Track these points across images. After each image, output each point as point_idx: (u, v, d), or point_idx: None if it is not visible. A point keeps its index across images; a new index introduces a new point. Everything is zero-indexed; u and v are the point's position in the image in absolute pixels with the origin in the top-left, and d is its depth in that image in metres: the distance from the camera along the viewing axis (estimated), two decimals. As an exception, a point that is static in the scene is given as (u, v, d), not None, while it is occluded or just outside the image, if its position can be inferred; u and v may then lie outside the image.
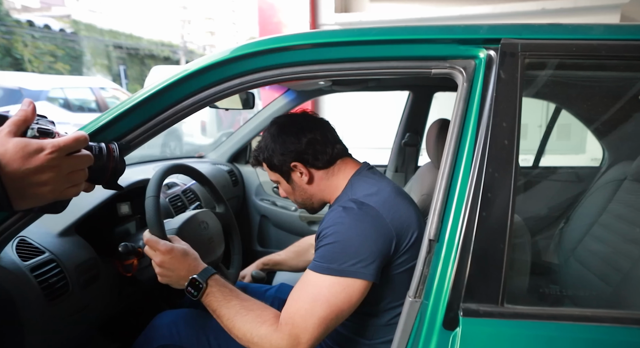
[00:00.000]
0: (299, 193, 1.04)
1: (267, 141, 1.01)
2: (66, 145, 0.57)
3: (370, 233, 0.82)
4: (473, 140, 0.72)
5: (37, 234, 0.94)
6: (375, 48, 0.79)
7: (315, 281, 0.82)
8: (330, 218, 0.86)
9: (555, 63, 0.75)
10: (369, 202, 0.86)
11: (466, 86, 0.75)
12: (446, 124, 1.59)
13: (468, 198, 0.70)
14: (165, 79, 0.80)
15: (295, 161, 0.99)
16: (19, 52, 11.92)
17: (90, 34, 15.14)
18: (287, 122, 1.02)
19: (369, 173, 0.99)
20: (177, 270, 0.89)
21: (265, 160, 1.03)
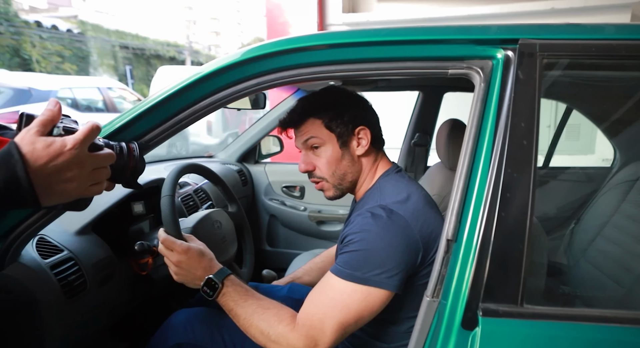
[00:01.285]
0: (344, 164, 0.93)
1: (335, 96, 0.94)
2: (84, 137, 0.58)
3: (397, 244, 0.81)
4: (491, 140, 0.72)
5: (56, 232, 0.95)
6: (392, 48, 0.79)
7: (337, 286, 0.81)
8: (357, 224, 0.84)
9: (574, 63, 0.75)
10: (398, 210, 0.84)
11: (483, 86, 0.75)
12: (457, 125, 1.59)
13: (486, 198, 0.70)
14: (184, 79, 0.81)
15: (364, 125, 0.93)
16: (27, 52, 12.03)
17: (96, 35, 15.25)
18: (347, 92, 0.97)
19: (398, 176, 0.96)
20: (193, 269, 0.89)
21: (327, 114, 0.91)
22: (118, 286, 1.05)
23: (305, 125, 0.93)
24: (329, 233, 2.14)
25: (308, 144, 0.94)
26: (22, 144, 0.55)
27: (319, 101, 0.94)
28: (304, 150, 0.96)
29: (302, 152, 0.96)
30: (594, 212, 1.37)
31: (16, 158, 0.53)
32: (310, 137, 0.93)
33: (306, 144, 0.94)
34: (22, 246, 0.80)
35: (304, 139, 0.94)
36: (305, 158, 0.96)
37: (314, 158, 0.95)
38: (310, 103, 0.94)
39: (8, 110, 4.40)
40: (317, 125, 0.92)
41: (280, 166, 2.27)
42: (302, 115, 0.93)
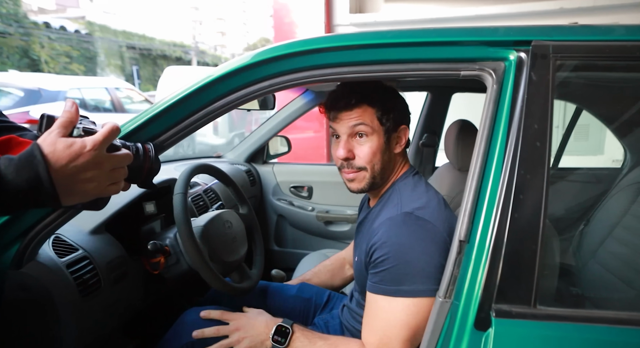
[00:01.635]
0: (385, 159, 0.92)
1: (387, 90, 0.93)
2: (104, 138, 0.60)
3: (432, 249, 0.80)
4: (504, 142, 0.73)
5: (71, 232, 0.96)
6: (404, 50, 0.79)
7: (387, 306, 0.81)
8: (385, 236, 0.83)
9: (587, 65, 0.75)
10: (423, 216, 0.84)
11: (496, 88, 0.76)
12: (466, 126, 1.59)
13: (499, 200, 0.70)
14: (197, 81, 0.82)
15: (405, 125, 0.95)
16: (36, 53, 12.16)
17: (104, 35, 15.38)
18: (395, 90, 0.97)
19: (416, 179, 0.95)
20: (255, 326, 0.95)
21: (381, 105, 0.90)
22: (131, 285, 1.07)
23: (358, 110, 0.90)
24: (337, 233, 2.15)
25: (355, 130, 0.90)
26: (44, 145, 0.56)
27: (374, 91, 0.91)
28: (345, 136, 0.91)
29: (342, 138, 0.92)
30: (604, 213, 1.36)
31: (39, 158, 0.55)
32: (361, 123, 0.89)
33: (353, 129, 0.90)
34: (39, 245, 0.82)
35: (353, 123, 0.90)
36: (347, 145, 0.91)
37: (356, 146, 0.91)
38: (366, 90, 0.90)
39: (19, 110, 4.45)
40: (369, 113, 0.90)
41: (288, 166, 2.28)
42: (358, 99, 0.89)
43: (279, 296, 1.29)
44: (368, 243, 0.87)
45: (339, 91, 0.92)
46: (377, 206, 0.96)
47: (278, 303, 1.27)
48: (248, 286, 1.13)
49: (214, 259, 1.07)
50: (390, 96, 0.93)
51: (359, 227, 1.04)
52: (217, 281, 1.02)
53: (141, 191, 1.19)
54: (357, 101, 0.90)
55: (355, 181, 0.94)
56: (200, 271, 1.00)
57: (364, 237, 0.94)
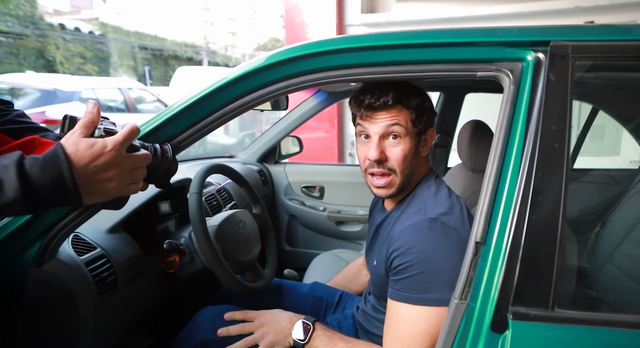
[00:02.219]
0: (414, 163, 0.90)
1: (420, 92, 0.91)
2: (124, 139, 0.61)
3: (458, 257, 0.76)
4: (521, 143, 0.72)
5: (89, 230, 0.98)
6: (420, 51, 0.79)
7: (410, 315, 0.80)
8: (409, 242, 0.81)
9: (607, 65, 0.74)
10: (448, 222, 0.82)
11: (513, 89, 0.75)
12: (479, 126, 1.58)
13: (516, 201, 0.70)
14: (213, 83, 0.83)
15: (432, 128, 0.93)
16: (52, 54, 12.38)
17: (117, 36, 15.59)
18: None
19: (438, 183, 0.93)
20: (279, 322, 0.95)
21: (416, 107, 0.88)
22: (147, 283, 1.08)
23: (394, 110, 0.86)
24: (348, 233, 2.15)
25: (389, 131, 0.87)
26: (67, 145, 0.58)
27: (410, 92, 0.88)
28: (376, 137, 0.88)
29: (373, 139, 0.88)
30: (620, 215, 1.34)
31: (62, 158, 0.56)
32: (397, 123, 0.86)
33: (387, 130, 0.87)
34: (60, 243, 0.84)
35: (389, 123, 0.86)
36: (380, 146, 0.87)
37: (388, 148, 0.88)
38: (402, 91, 0.86)
39: (35, 110, 4.54)
40: (405, 114, 0.87)
41: (300, 167, 2.29)
42: (395, 99, 0.86)
43: (292, 294, 1.29)
44: (389, 248, 0.86)
45: (373, 89, 0.88)
46: (396, 210, 0.95)
47: (291, 300, 1.28)
48: (261, 285, 1.14)
49: (228, 258, 1.08)
50: (422, 97, 0.91)
51: (376, 230, 1.02)
52: (231, 281, 1.03)
53: (157, 190, 1.21)
54: (394, 101, 0.86)
55: (385, 188, 0.90)
56: (215, 270, 1.01)
57: (383, 242, 0.93)
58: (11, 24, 11.54)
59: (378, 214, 1.07)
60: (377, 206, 1.10)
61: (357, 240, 2.17)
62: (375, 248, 1.01)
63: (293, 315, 0.97)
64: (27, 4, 12.15)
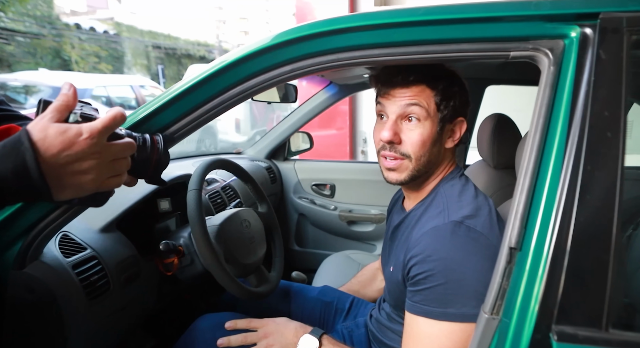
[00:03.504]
0: (434, 152, 0.80)
1: (452, 74, 0.82)
2: (104, 126, 0.53)
3: (485, 266, 0.68)
4: (564, 133, 0.62)
5: (79, 229, 0.91)
6: (444, 29, 0.69)
7: (430, 331, 0.71)
8: (431, 248, 0.72)
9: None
10: (475, 226, 0.72)
11: (553, 70, 0.65)
12: (502, 120, 1.46)
13: (559, 201, 0.59)
14: (211, 66, 0.74)
15: (463, 118, 0.83)
16: (67, 53, 12.54)
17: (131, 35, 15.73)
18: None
19: (463, 181, 0.83)
20: (284, 334, 0.88)
21: (442, 90, 0.78)
22: (144, 286, 1.00)
23: (415, 88, 0.78)
24: (360, 233, 2.05)
25: (407, 111, 0.78)
26: (33, 131, 0.50)
27: (437, 71, 0.79)
28: (393, 116, 0.79)
29: (390, 118, 0.80)
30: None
31: (26, 145, 0.48)
32: (416, 103, 0.77)
33: (405, 110, 0.78)
34: (44, 243, 0.76)
35: (407, 102, 0.78)
36: (395, 127, 0.79)
37: (405, 130, 0.79)
38: (428, 69, 0.78)
39: (46, 108, 4.55)
40: (427, 95, 0.78)
41: (310, 163, 2.20)
42: (418, 77, 0.77)
43: (300, 298, 1.21)
44: (406, 253, 0.77)
45: (390, 68, 0.80)
46: (416, 210, 0.85)
47: (298, 305, 1.20)
48: (266, 290, 1.06)
49: (229, 261, 1.00)
50: (453, 81, 0.80)
51: (394, 232, 0.92)
52: (232, 285, 0.94)
53: (155, 187, 1.13)
54: (417, 79, 0.77)
55: (396, 172, 0.81)
56: (215, 273, 0.93)
57: (401, 246, 0.83)
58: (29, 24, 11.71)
59: (396, 214, 0.97)
60: (396, 206, 1.00)
61: (370, 241, 2.07)
62: (392, 252, 0.91)
63: (299, 326, 0.89)
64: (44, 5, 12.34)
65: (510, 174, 1.45)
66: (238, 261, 1.02)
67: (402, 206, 0.95)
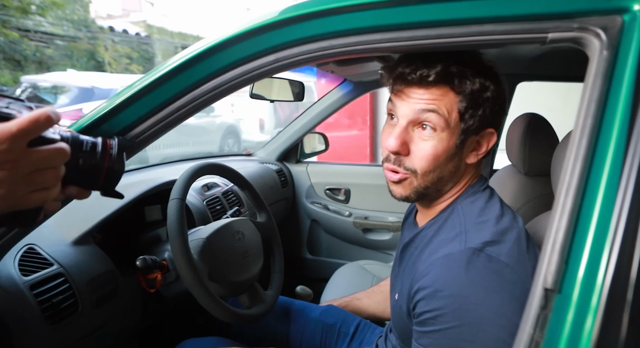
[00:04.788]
0: (449, 167, 0.66)
1: (490, 75, 0.65)
2: (20, 129, 0.41)
3: (511, 308, 0.54)
4: (622, 139, 0.46)
5: (49, 242, 0.82)
6: (463, 6, 0.55)
7: None
8: (441, 281, 0.58)
9: None
10: (497, 255, 0.58)
11: (606, 55, 0.49)
12: (535, 120, 1.29)
13: (616, 228, 0.44)
14: (180, 56, 0.63)
15: (493, 129, 0.67)
16: (101, 55, 12.96)
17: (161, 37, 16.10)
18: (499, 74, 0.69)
19: (486, 197, 0.68)
20: None
21: (470, 96, 0.63)
22: (123, 304, 0.91)
23: (436, 90, 0.63)
24: (377, 242, 1.91)
25: (422, 118, 0.63)
26: None
27: (468, 69, 0.63)
28: (404, 121, 0.65)
29: (400, 123, 0.65)
30: None
31: None
32: (434, 110, 0.62)
33: (419, 116, 0.63)
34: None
35: (422, 107, 0.63)
36: (404, 135, 0.65)
37: (416, 139, 0.65)
38: (457, 64, 0.62)
39: (73, 107, 4.64)
40: (450, 100, 0.63)
41: (323, 166, 2.07)
42: (439, 74, 0.62)
43: (301, 318, 1.09)
44: (413, 283, 0.63)
45: (416, 57, 0.65)
46: (428, 228, 0.70)
47: (298, 326, 1.08)
48: (258, 312, 0.94)
49: (216, 279, 0.89)
50: (486, 83, 0.64)
51: (403, 251, 0.77)
52: (216, 308, 0.83)
53: (141, 192, 1.03)
54: (438, 77, 0.61)
55: (400, 186, 0.68)
56: (196, 295, 0.82)
57: (409, 270, 0.69)
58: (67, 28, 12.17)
59: (407, 230, 0.83)
60: (409, 220, 0.85)
61: (387, 250, 1.92)
62: (399, 275, 0.76)
63: None
64: (81, 9, 12.80)
65: (544, 182, 1.27)
66: (226, 279, 0.91)
67: (415, 221, 0.81)
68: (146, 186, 1.05)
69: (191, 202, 1.22)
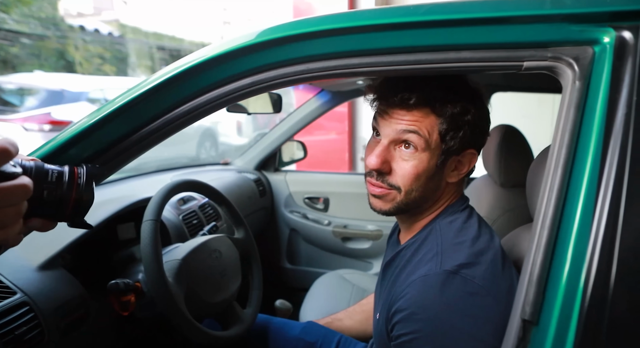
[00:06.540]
0: (430, 186, 0.67)
1: (471, 98, 0.66)
2: None
3: (485, 328, 0.55)
4: (596, 166, 0.47)
5: (13, 268, 0.78)
6: (439, 32, 0.55)
7: None
8: (417, 304, 0.59)
9: None
10: (472, 278, 0.58)
11: (579, 86, 0.50)
12: (510, 132, 1.31)
13: (590, 260, 0.45)
14: (154, 79, 0.61)
15: (474, 149, 0.68)
16: (71, 55, 12.54)
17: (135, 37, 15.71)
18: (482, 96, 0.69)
19: (464, 217, 0.68)
20: None
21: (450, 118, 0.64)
22: (94, 330, 0.87)
23: (417, 113, 0.64)
24: (356, 251, 1.91)
25: (403, 137, 0.65)
26: None
27: (447, 95, 0.64)
28: (385, 141, 0.66)
29: (382, 142, 0.67)
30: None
31: None
32: (414, 132, 0.64)
33: (400, 136, 0.65)
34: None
35: (405, 128, 0.64)
36: (386, 153, 0.66)
37: (397, 158, 0.66)
38: (438, 89, 0.64)
39: (41, 111, 4.45)
40: (431, 122, 0.64)
41: (302, 175, 2.06)
42: (420, 98, 0.63)
43: (280, 337, 1.07)
44: (391, 302, 0.63)
45: (399, 78, 0.67)
46: (408, 247, 0.70)
47: (277, 345, 1.05)
48: (236, 333, 0.92)
49: (193, 301, 0.86)
50: (467, 106, 0.65)
51: (385, 269, 0.77)
52: (194, 332, 0.81)
53: (114, 210, 1.00)
54: (419, 101, 0.63)
55: (381, 200, 0.69)
56: (173, 320, 0.79)
57: (388, 290, 0.68)
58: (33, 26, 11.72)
59: (390, 247, 0.83)
60: (393, 237, 0.84)
61: (366, 258, 1.93)
62: (381, 294, 0.76)
63: None
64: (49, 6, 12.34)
65: (520, 193, 1.30)
66: (203, 300, 0.88)
67: (398, 239, 0.81)
68: (119, 205, 1.01)
69: (167, 217, 1.19)
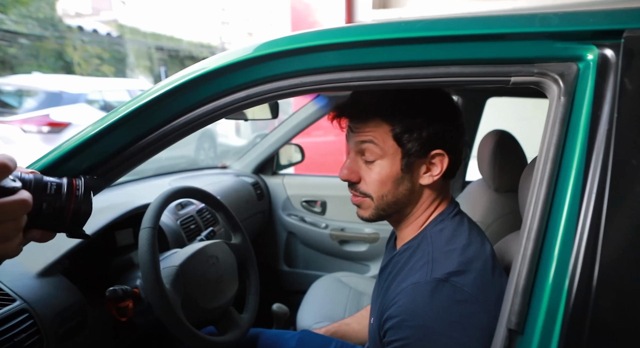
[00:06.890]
0: (400, 191, 0.69)
1: (423, 100, 0.68)
2: None
3: (473, 336, 0.56)
4: (579, 182, 0.49)
5: (12, 275, 0.79)
6: (430, 48, 0.56)
7: None
8: (408, 311, 0.60)
9: None
10: (462, 286, 0.59)
11: (564, 101, 0.52)
12: (505, 138, 1.33)
13: (572, 273, 0.46)
14: (150, 93, 0.62)
15: (443, 150, 0.68)
16: (70, 55, 12.51)
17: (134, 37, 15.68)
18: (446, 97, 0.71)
19: (455, 224, 0.69)
20: None
21: (402, 122, 0.66)
22: (92, 336, 0.88)
23: (368, 124, 0.68)
24: (353, 253, 1.92)
25: (362, 148, 0.69)
26: None
27: (396, 101, 0.67)
28: (353, 153, 0.71)
29: (351, 154, 0.72)
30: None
31: None
32: (369, 141, 0.68)
33: (360, 147, 0.69)
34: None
35: (362, 138, 0.68)
36: (353, 164, 0.71)
37: (363, 167, 0.70)
38: (384, 99, 0.67)
39: (39, 113, 4.46)
40: (383, 130, 0.67)
41: (300, 178, 2.08)
42: (368, 111, 0.67)
43: (275, 347, 1.07)
44: (383, 309, 0.64)
45: (351, 96, 0.72)
46: (402, 254, 0.71)
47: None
48: (233, 338, 0.93)
49: (190, 307, 0.88)
50: (425, 108, 0.67)
51: (380, 274, 0.79)
52: (191, 339, 0.82)
53: (112, 217, 1.01)
54: (368, 112, 0.67)
55: (361, 208, 0.74)
56: (170, 326, 0.80)
57: (382, 296, 0.70)
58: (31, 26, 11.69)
59: (387, 253, 0.84)
60: (390, 242, 0.86)
61: (364, 261, 1.94)
62: (377, 299, 0.78)
63: None
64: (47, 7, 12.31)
65: (514, 198, 1.31)
66: (201, 306, 0.90)
67: (394, 244, 0.82)
68: (117, 212, 1.02)
69: (164, 222, 1.20)
